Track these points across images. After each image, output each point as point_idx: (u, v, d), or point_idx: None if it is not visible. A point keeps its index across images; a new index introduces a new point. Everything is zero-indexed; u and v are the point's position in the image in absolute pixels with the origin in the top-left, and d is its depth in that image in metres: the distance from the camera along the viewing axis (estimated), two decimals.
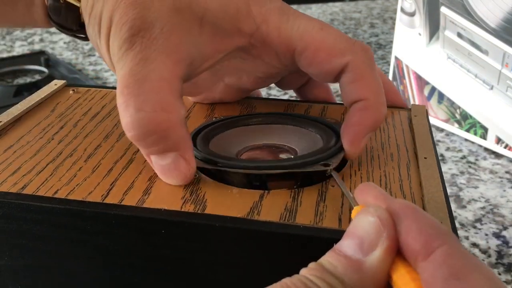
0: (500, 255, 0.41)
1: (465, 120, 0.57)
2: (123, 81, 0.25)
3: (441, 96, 0.59)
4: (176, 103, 0.26)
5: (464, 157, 0.55)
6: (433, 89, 0.60)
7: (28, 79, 0.76)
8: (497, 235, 0.44)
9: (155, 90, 0.25)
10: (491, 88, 0.54)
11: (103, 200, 0.26)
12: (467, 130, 0.57)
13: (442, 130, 0.60)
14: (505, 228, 0.45)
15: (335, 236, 0.23)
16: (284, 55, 0.29)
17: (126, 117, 0.25)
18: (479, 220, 0.46)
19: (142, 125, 0.25)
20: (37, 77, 0.77)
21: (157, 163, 0.27)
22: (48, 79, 0.71)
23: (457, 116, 0.58)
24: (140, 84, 0.25)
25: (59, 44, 0.91)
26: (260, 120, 0.32)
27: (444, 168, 0.53)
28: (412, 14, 0.59)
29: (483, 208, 0.47)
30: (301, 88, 0.37)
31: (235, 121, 0.32)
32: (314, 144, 0.30)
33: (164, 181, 0.27)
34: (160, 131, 0.25)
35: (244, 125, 0.32)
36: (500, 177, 0.52)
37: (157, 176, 0.28)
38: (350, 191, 0.26)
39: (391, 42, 0.89)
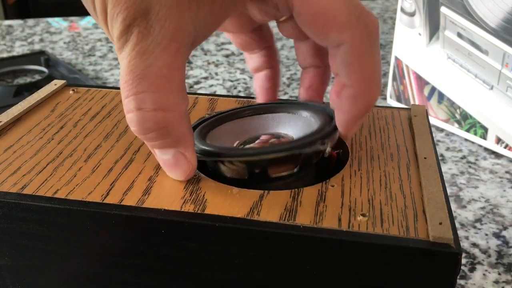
0: (500, 255, 0.41)
1: (465, 120, 0.57)
2: (123, 76, 0.25)
3: (441, 96, 0.59)
4: (176, 100, 0.26)
5: (464, 157, 0.55)
6: (433, 89, 0.60)
7: (28, 79, 0.76)
8: (497, 235, 0.44)
9: (153, 89, 0.25)
10: (491, 88, 0.54)
11: (103, 200, 0.26)
12: (467, 130, 0.57)
13: (442, 130, 0.60)
14: (505, 228, 0.45)
15: (335, 236, 0.23)
16: (283, 9, 0.28)
17: (128, 114, 0.26)
18: (479, 220, 0.46)
19: (142, 122, 0.25)
20: (37, 77, 0.77)
21: (159, 156, 0.27)
22: (48, 79, 0.71)
23: (457, 116, 0.58)
24: (139, 82, 0.25)
25: (59, 44, 0.91)
26: (251, 112, 0.33)
27: (444, 168, 0.53)
28: (412, 14, 0.59)
29: (483, 208, 0.47)
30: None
31: (228, 115, 0.32)
32: (309, 127, 0.30)
33: (167, 174, 0.27)
34: (159, 129, 0.26)
35: (237, 118, 0.32)
36: (500, 177, 0.52)
37: (157, 176, 0.28)
38: (350, 192, 0.26)
39: (391, 42, 0.89)
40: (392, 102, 0.65)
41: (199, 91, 0.71)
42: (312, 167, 0.29)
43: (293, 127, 0.31)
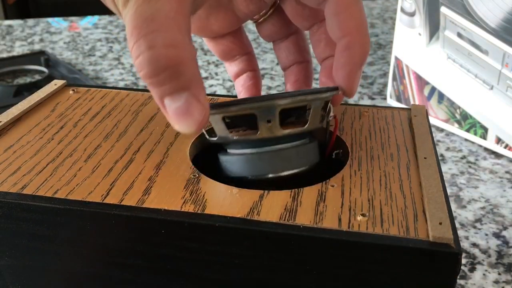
0: (500, 255, 0.41)
1: (465, 120, 0.57)
2: (131, 22, 0.25)
3: (441, 96, 0.59)
4: (185, 41, 0.25)
5: (464, 157, 0.55)
6: (433, 89, 0.60)
7: (28, 79, 0.76)
8: (497, 235, 0.44)
9: (163, 29, 0.25)
10: (491, 88, 0.54)
11: (103, 200, 0.26)
12: (467, 130, 0.57)
13: (442, 130, 0.60)
14: (505, 228, 0.45)
15: (335, 236, 0.23)
16: None
17: (139, 56, 0.25)
18: (479, 220, 0.46)
19: (154, 61, 0.25)
20: (37, 77, 0.77)
21: (170, 106, 0.26)
22: (48, 79, 0.71)
23: (457, 116, 0.58)
24: (149, 23, 0.25)
25: (59, 44, 0.91)
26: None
27: (444, 168, 0.53)
28: (412, 14, 0.59)
29: (483, 208, 0.47)
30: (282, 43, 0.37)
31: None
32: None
33: (179, 130, 0.26)
34: (172, 66, 0.25)
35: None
36: (500, 177, 0.52)
37: (157, 176, 0.28)
38: (350, 192, 0.26)
39: (391, 42, 0.89)
40: (392, 102, 0.65)
41: None
42: (318, 129, 0.29)
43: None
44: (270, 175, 0.28)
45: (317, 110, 0.28)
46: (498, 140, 0.55)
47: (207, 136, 0.29)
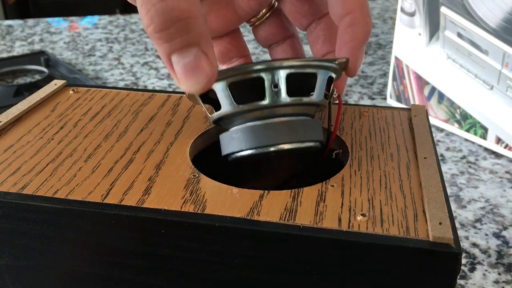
0: (500, 255, 0.41)
1: (465, 120, 0.57)
2: None
3: (441, 96, 0.59)
4: (196, 0, 0.25)
5: (464, 157, 0.55)
6: (433, 89, 0.60)
7: (28, 79, 0.76)
8: (497, 235, 0.44)
9: None
10: (491, 88, 0.54)
11: (103, 200, 0.26)
12: (467, 130, 0.57)
13: (442, 130, 0.60)
14: (505, 228, 0.45)
15: (335, 236, 0.23)
16: None
17: (149, 10, 0.24)
18: (479, 220, 0.46)
19: (166, 12, 0.24)
20: (37, 77, 0.77)
21: (179, 63, 0.25)
22: (48, 79, 0.71)
23: (457, 116, 0.58)
24: None
25: (59, 44, 0.91)
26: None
27: (444, 168, 0.53)
28: (412, 14, 0.59)
29: (483, 208, 0.47)
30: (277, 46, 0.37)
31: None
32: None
33: (186, 88, 0.25)
34: (183, 19, 0.24)
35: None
36: (500, 177, 0.52)
37: (157, 176, 0.28)
38: (350, 192, 0.26)
39: (391, 42, 0.89)
40: (392, 102, 0.65)
41: None
42: (323, 105, 0.29)
43: None
44: (272, 149, 0.27)
45: (323, 81, 0.28)
46: (498, 140, 0.55)
47: (208, 114, 0.29)
